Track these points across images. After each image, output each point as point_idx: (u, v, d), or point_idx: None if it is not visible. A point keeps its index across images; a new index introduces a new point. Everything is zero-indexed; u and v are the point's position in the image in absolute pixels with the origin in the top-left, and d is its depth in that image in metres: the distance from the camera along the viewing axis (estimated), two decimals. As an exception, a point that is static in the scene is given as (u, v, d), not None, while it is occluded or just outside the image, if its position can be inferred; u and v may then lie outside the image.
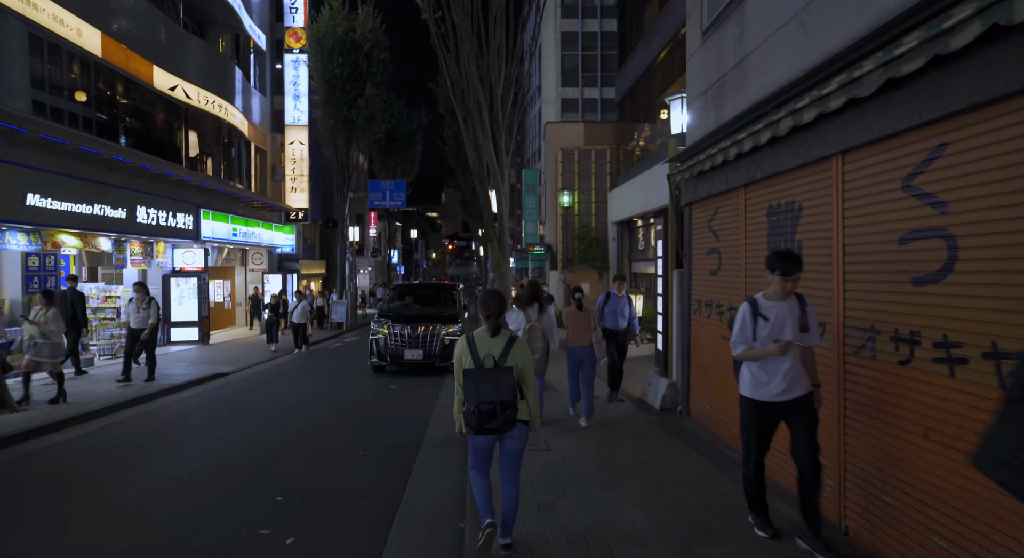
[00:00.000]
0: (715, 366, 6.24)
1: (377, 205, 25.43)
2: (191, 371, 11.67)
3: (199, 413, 8.36)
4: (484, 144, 8.99)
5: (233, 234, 18.48)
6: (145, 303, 10.34)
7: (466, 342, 3.59)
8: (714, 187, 6.08)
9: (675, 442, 6.22)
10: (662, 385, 7.76)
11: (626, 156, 19.71)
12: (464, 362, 3.57)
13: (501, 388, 3.41)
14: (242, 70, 20.78)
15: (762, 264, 4.39)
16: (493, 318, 3.58)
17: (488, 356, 3.51)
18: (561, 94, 28.80)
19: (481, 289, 34.22)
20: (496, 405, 3.39)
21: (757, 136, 4.60)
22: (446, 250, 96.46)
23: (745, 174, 5.28)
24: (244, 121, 20.38)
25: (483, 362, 3.50)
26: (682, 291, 7.38)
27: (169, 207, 14.53)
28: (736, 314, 3.89)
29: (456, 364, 3.62)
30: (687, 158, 6.85)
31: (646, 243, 17.28)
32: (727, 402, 5.89)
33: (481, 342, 3.57)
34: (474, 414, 3.41)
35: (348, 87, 22.90)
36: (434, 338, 11.30)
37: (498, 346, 3.54)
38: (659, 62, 16.80)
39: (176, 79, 15.49)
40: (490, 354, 3.52)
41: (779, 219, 4.76)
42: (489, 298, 3.63)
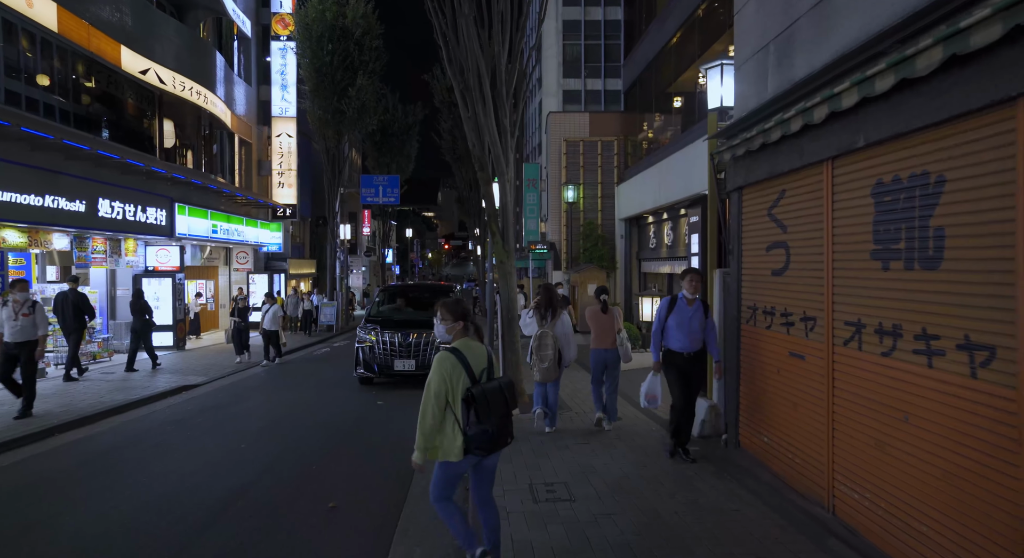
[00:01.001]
0: (779, 390, 4.98)
1: (370, 201, 24.10)
2: (156, 382, 10.37)
3: (147, 439, 7.05)
4: (485, 123, 7.73)
5: (213, 231, 17.16)
6: (27, 308, 7.58)
7: (456, 358, 3.24)
8: (779, 164, 4.82)
9: (729, 485, 4.95)
10: (701, 407, 6.48)
11: (635, 148, 18.45)
12: (458, 381, 3.22)
13: (510, 399, 3.32)
14: (224, 57, 19.47)
15: (858, 259, 3.86)
16: (467, 325, 3.40)
17: (482, 370, 3.32)
18: (563, 85, 27.50)
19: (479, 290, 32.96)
20: (508, 417, 3.31)
21: (869, 84, 3.34)
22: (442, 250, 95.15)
23: (836, 142, 4.01)
24: (226, 111, 19.07)
25: (481, 377, 3.29)
26: (727, 295, 6.12)
27: (138, 201, 13.20)
28: None
29: (443, 385, 3.21)
30: (736, 133, 5.59)
31: (658, 241, 16.03)
32: (799, 437, 4.63)
33: (470, 355, 3.29)
34: (488, 434, 3.19)
35: (338, 76, 21.62)
36: (428, 346, 10.02)
37: (482, 355, 3.36)
38: (672, 45, 15.54)
39: (148, 62, 14.18)
40: (482, 368, 3.32)
41: (895, 199, 3.50)
42: (455, 306, 3.41)
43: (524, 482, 5.12)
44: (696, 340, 5.48)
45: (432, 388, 3.18)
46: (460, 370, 3.20)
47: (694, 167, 11.36)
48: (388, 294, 12.48)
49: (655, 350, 5.65)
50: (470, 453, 3.21)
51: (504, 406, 3.25)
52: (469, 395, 3.15)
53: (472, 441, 3.18)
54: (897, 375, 3.49)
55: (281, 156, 22.73)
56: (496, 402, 3.20)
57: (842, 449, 4.06)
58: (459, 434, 3.20)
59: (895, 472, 3.51)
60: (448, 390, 3.19)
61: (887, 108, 3.46)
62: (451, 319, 3.38)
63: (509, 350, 8.42)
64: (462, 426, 3.18)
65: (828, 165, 4.21)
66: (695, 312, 5.45)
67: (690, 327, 5.42)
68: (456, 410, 3.19)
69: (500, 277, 8.66)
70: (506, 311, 8.52)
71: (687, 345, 5.48)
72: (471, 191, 26.92)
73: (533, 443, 6.35)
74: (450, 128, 27.23)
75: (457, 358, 3.22)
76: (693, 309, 5.46)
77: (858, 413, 3.88)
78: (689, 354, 5.49)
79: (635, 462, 5.64)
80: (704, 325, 5.49)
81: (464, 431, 3.16)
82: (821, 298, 4.32)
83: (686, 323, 5.42)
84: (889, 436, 3.58)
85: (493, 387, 3.24)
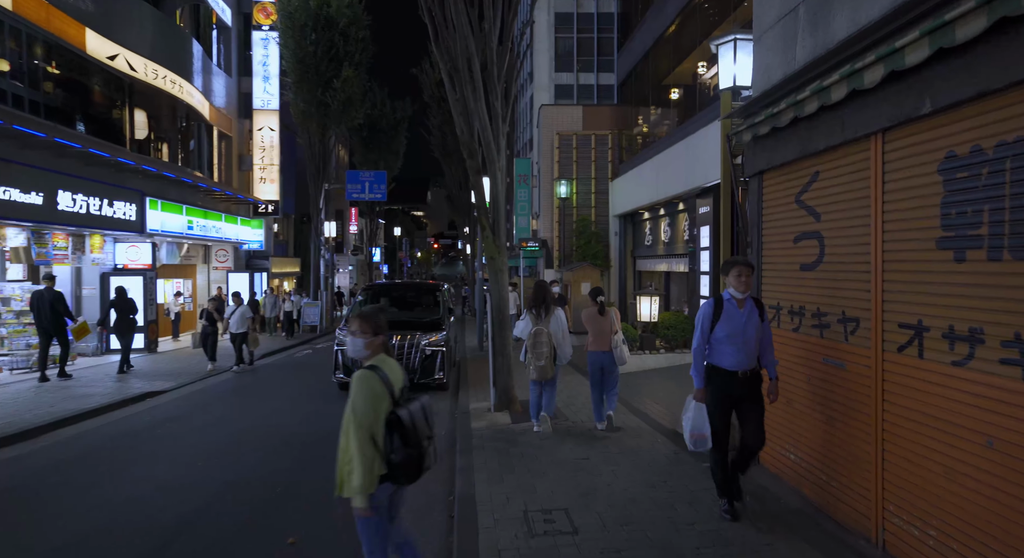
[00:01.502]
0: (810, 402, 4.34)
1: (356, 198, 23.32)
2: (119, 388, 9.59)
3: (92, 456, 6.30)
4: (475, 107, 7.07)
5: (189, 227, 16.35)
6: None
7: (379, 380, 2.82)
8: (813, 142, 4.18)
9: (759, 516, 4.30)
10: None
11: (630, 142, 17.84)
12: (381, 403, 2.81)
13: (429, 416, 3.01)
14: (203, 46, 18.63)
15: (920, 249, 3.25)
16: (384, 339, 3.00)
17: (402, 388, 2.95)
18: (555, 80, 26.82)
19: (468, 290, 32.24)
20: (431, 441, 2.97)
21: (946, 33, 2.69)
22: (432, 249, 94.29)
23: (890, 110, 3.37)
24: (204, 102, 18.25)
25: (401, 396, 2.92)
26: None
27: (105, 194, 12.40)
28: None
29: (368, 408, 2.77)
30: (757, 109, 4.95)
31: (654, 237, 15.43)
32: (838, 457, 3.99)
33: (391, 373, 2.91)
34: (414, 458, 2.84)
35: (323, 67, 20.81)
36: (413, 349, 9.33)
37: (398, 371, 3.00)
38: (671, 33, 14.94)
39: (117, 47, 13.36)
40: (402, 386, 2.95)
41: (975, 174, 2.87)
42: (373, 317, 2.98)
43: (517, 508, 4.45)
44: (752, 353, 4.10)
45: (358, 413, 2.74)
46: (383, 390, 2.82)
47: (698, 157, 10.74)
48: (371, 293, 11.76)
49: (697, 372, 4.18)
50: (390, 481, 2.85)
51: (428, 428, 2.96)
52: (395, 418, 2.79)
53: (399, 468, 2.81)
54: (977, 390, 2.85)
55: (263, 150, 21.93)
56: (421, 424, 2.91)
57: (896, 475, 3.42)
58: (378, 461, 2.81)
59: (971, 507, 2.88)
60: (375, 416, 2.79)
61: (967, 62, 2.81)
62: (370, 333, 2.93)
63: (500, 355, 7.74)
64: (384, 453, 2.80)
65: (877, 139, 3.56)
66: (749, 316, 4.09)
67: (745, 336, 4.05)
68: (377, 435, 2.79)
69: (491, 275, 7.99)
70: (497, 312, 7.85)
71: (742, 361, 4.05)
72: (461, 189, 26.20)
73: (527, 458, 5.68)
74: (440, 124, 26.51)
75: (379, 376, 2.82)
76: (745, 312, 4.09)
77: (918, 433, 3.25)
78: (744, 373, 4.05)
79: (643, 482, 4.98)
80: (761, 332, 4.14)
81: (388, 458, 2.79)
82: (867, 296, 3.68)
83: (740, 332, 4.04)
84: (963, 463, 2.94)
85: (417, 408, 2.93)
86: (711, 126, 10.28)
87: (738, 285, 4.08)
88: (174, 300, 17.66)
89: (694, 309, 11.74)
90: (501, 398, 7.69)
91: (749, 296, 4.13)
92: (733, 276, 4.07)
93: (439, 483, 5.42)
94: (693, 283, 12.01)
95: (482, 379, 9.82)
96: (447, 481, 5.44)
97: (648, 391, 9.15)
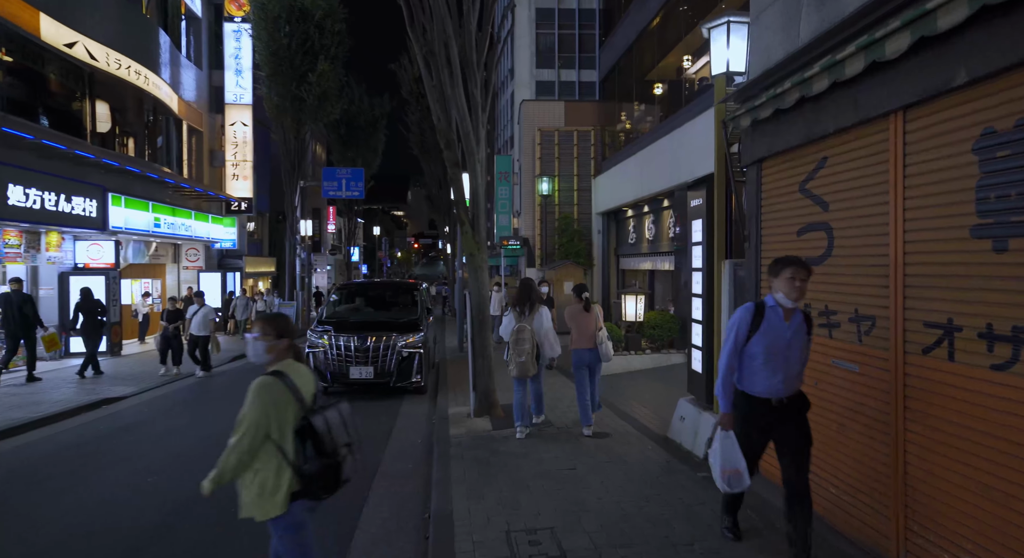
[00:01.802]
0: (817, 407, 3.98)
1: (332, 195, 22.73)
2: (74, 395, 8.98)
3: (26, 474, 5.75)
4: (453, 94, 6.62)
5: (156, 225, 15.65)
6: None
7: (283, 387, 2.62)
8: (821, 124, 3.83)
9: (757, 527, 3.93)
10: (707, 423, 5.49)
11: (613, 139, 17.52)
12: (285, 411, 2.61)
13: (349, 423, 2.78)
14: (171, 37, 17.90)
15: (950, 239, 2.90)
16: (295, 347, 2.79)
17: (313, 393, 2.76)
18: (536, 76, 26.42)
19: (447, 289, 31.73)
20: (351, 448, 2.73)
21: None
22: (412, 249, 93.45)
23: (914, 84, 3.02)
24: (173, 95, 17.54)
25: (312, 402, 2.72)
26: (740, 290, 5.14)
27: (62, 189, 11.71)
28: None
29: (264, 418, 2.56)
30: (756, 92, 4.60)
31: (638, 235, 15.12)
32: (850, 467, 3.64)
33: (299, 379, 2.71)
34: (330, 468, 2.62)
35: (297, 61, 20.19)
36: (388, 351, 8.86)
37: (308, 376, 2.81)
38: (652, 28, 14.64)
39: (75, 34, 12.66)
40: (312, 391, 2.76)
41: (1018, 152, 2.52)
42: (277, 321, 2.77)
43: (499, 528, 4.03)
44: (793, 378, 3.33)
45: (249, 421, 2.55)
46: (287, 396, 2.61)
47: (686, 150, 10.43)
48: (346, 293, 11.25)
49: (724, 393, 3.41)
50: (306, 497, 2.63)
51: (347, 435, 2.74)
52: (306, 424, 2.59)
53: (314, 480, 2.59)
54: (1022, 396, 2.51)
55: (236, 146, 21.22)
56: (338, 430, 2.70)
57: (920, 490, 3.08)
58: (286, 475, 2.57)
59: (1012, 529, 2.53)
60: (271, 423, 2.56)
61: (1013, 23, 2.46)
62: (273, 335, 2.72)
63: (480, 356, 7.32)
64: (295, 464, 2.58)
65: (897, 117, 3.22)
66: (796, 331, 3.30)
67: (788, 356, 3.28)
68: (286, 445, 2.58)
69: (470, 272, 7.56)
70: (477, 311, 7.43)
71: (777, 386, 3.29)
72: (441, 188, 25.69)
73: (509, 469, 5.27)
74: (419, 120, 25.99)
75: (284, 383, 2.62)
76: (793, 326, 3.30)
77: (947, 444, 2.90)
78: (779, 402, 3.32)
79: (635, 494, 4.60)
80: (805, 353, 3.38)
81: (299, 470, 2.57)
82: (885, 292, 3.34)
83: (782, 350, 3.26)
84: (1002, 479, 2.60)
85: (334, 414, 2.72)
86: (700, 117, 9.98)
87: (790, 290, 3.20)
88: (142, 301, 16.94)
89: (681, 308, 11.43)
90: (481, 402, 7.28)
91: (799, 310, 3.34)
92: (784, 279, 3.22)
93: (414, 497, 4.99)
94: (679, 281, 11.70)
95: (462, 381, 9.39)
96: (423, 494, 5.01)
97: (634, 393, 8.80)
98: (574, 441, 6.14)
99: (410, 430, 7.27)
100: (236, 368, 12.55)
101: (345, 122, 31.06)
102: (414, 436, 6.97)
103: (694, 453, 5.57)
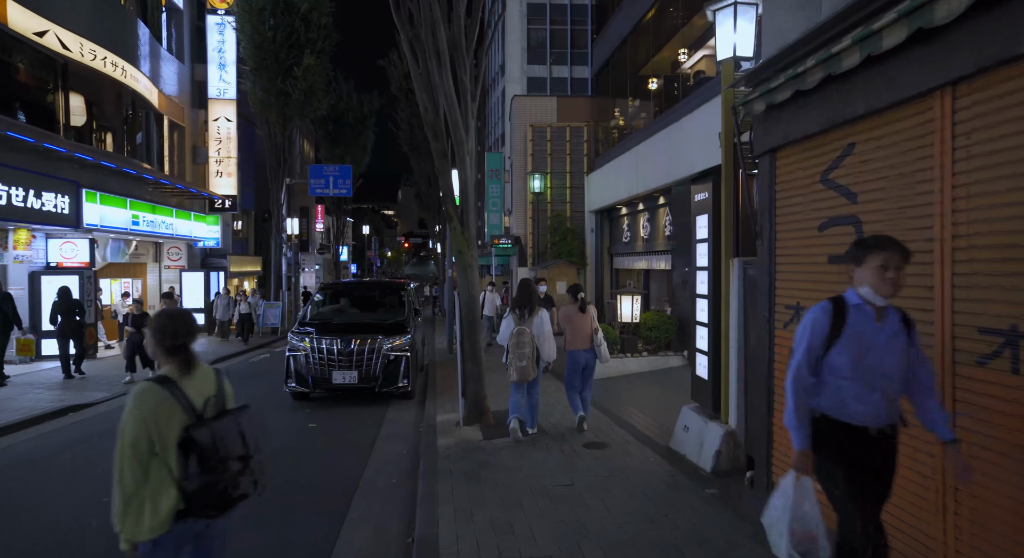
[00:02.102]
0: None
1: (319, 193, 22.20)
2: (41, 401, 8.47)
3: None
4: (440, 81, 6.19)
5: (134, 223, 15.09)
6: None
7: (164, 390, 2.29)
8: (849, 106, 3.43)
9: (777, 555, 3.53)
10: (714, 434, 5.10)
11: (606, 135, 17.14)
12: (168, 421, 2.26)
13: (248, 435, 2.43)
14: (151, 29, 17.33)
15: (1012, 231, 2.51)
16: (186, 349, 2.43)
17: (208, 398, 2.41)
18: (527, 72, 25.99)
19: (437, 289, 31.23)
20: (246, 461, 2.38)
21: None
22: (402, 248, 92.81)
23: (966, 56, 2.63)
24: (152, 89, 16.98)
25: (205, 410, 2.37)
26: (751, 291, 4.75)
27: (31, 183, 11.17)
28: None
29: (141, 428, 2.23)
30: (771, 75, 4.20)
31: (632, 234, 14.76)
32: (884, 492, 3.24)
33: (187, 384, 2.38)
34: (218, 487, 2.27)
35: (282, 54, 19.67)
36: (374, 354, 8.41)
37: (209, 381, 2.47)
38: (647, 21, 14.28)
39: (46, 22, 12.11)
40: (208, 395, 2.42)
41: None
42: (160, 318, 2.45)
43: (490, 556, 3.61)
44: (896, 396, 2.55)
45: (127, 435, 2.24)
46: (171, 405, 2.31)
47: (686, 144, 10.06)
48: (329, 293, 10.78)
49: (799, 422, 2.56)
50: (189, 518, 2.30)
51: (244, 446, 2.41)
52: (187, 438, 2.28)
53: (195, 498, 2.27)
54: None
55: (219, 142, 20.64)
56: (230, 442, 2.37)
57: (973, 521, 2.69)
58: (170, 492, 2.25)
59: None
60: (152, 435, 2.26)
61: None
62: (157, 336, 2.44)
63: (470, 360, 6.90)
64: (178, 480, 2.27)
65: (944, 95, 2.82)
66: (892, 335, 2.52)
67: (884, 367, 2.49)
68: (169, 460, 2.28)
69: (459, 271, 7.13)
70: (467, 312, 7.00)
71: (879, 410, 2.50)
72: (430, 186, 25.24)
73: (501, 486, 4.85)
74: (408, 117, 25.53)
75: (165, 389, 2.32)
76: (887, 328, 2.52)
77: (1007, 468, 2.51)
78: (881, 431, 2.52)
79: (640, 515, 4.19)
80: (910, 361, 2.54)
81: (180, 487, 2.27)
82: (927, 293, 2.95)
83: (876, 361, 2.49)
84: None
85: (228, 423, 2.41)
86: (700, 110, 9.60)
87: (880, 283, 2.44)
88: (121, 301, 16.38)
89: (678, 309, 11.06)
90: (471, 410, 6.85)
91: (892, 307, 2.55)
92: (873, 268, 2.45)
93: (398, 517, 4.56)
94: (675, 281, 11.34)
95: (451, 386, 8.97)
96: (407, 514, 4.58)
97: (631, 398, 8.42)
98: (570, 452, 5.73)
99: (395, 439, 6.84)
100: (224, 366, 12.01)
101: (333, 119, 30.58)
102: (400, 446, 6.54)
103: (700, 466, 5.18)
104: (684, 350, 10.47)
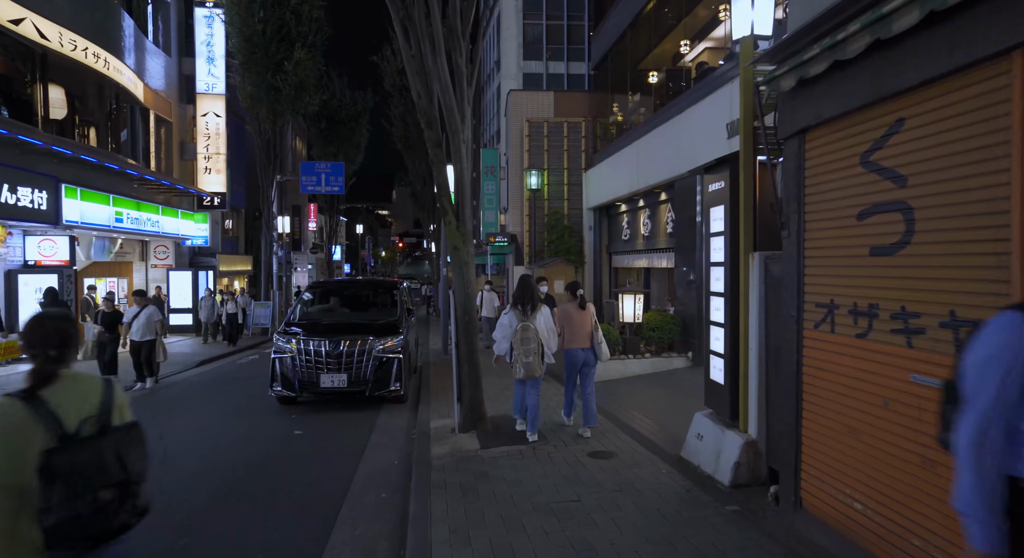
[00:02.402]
0: (890, 434, 3.18)
1: (311, 190, 21.73)
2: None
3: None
4: (434, 66, 5.77)
5: (118, 220, 14.59)
6: None
7: (24, 407, 1.95)
8: (896, 78, 3.02)
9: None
10: (732, 444, 4.68)
11: (604, 130, 16.74)
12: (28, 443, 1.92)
13: (130, 457, 2.05)
14: (135, 21, 16.82)
15: None
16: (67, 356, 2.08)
17: (86, 418, 2.02)
18: (523, 68, 25.56)
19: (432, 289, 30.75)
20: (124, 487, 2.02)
21: None
22: (397, 248, 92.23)
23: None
24: (138, 82, 16.47)
25: (79, 430, 2.01)
26: (774, 287, 4.33)
27: (4, 178, 10.68)
28: None
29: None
30: (802, 47, 3.79)
31: (632, 231, 14.36)
32: (931, 514, 2.83)
33: (59, 400, 2.00)
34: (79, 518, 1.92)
35: (272, 48, 19.21)
36: (364, 356, 7.97)
37: (92, 395, 2.08)
38: (647, 12, 13.88)
39: (22, 10, 11.60)
40: (86, 415, 2.03)
41: None
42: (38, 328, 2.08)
43: (490, 588, 3.19)
44: None
45: None
46: (30, 426, 1.97)
47: (694, 134, 9.65)
48: (318, 292, 10.33)
49: (982, 507, 1.66)
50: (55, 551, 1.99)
51: (121, 470, 2.05)
52: (45, 463, 1.94)
53: (55, 533, 1.94)
54: None
55: (208, 138, 20.14)
56: (103, 466, 2.02)
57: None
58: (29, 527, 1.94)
59: None
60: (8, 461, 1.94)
61: None
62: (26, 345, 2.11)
63: (466, 363, 6.46)
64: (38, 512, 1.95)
65: (1019, 57, 2.41)
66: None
67: None
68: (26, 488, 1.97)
69: (454, 269, 6.70)
70: (463, 312, 6.57)
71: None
72: (425, 185, 24.79)
73: (501, 501, 4.42)
74: (402, 114, 25.10)
75: (26, 406, 1.97)
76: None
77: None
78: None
79: (655, 535, 3.77)
80: None
81: (38, 519, 1.94)
82: (1000, 288, 2.53)
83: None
84: None
85: (98, 445, 2.04)
86: (706, 100, 9.19)
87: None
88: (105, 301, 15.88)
89: (683, 308, 10.65)
90: (467, 416, 6.41)
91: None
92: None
93: (386, 539, 4.12)
94: (677, 279, 10.94)
95: (446, 388, 8.54)
96: (397, 536, 4.15)
97: (635, 402, 8.01)
98: (574, 462, 5.31)
99: (386, 447, 6.40)
100: (190, 377, 11.51)
101: (326, 116, 30.12)
102: (390, 455, 6.10)
103: (716, 479, 4.76)
104: (688, 351, 10.07)
